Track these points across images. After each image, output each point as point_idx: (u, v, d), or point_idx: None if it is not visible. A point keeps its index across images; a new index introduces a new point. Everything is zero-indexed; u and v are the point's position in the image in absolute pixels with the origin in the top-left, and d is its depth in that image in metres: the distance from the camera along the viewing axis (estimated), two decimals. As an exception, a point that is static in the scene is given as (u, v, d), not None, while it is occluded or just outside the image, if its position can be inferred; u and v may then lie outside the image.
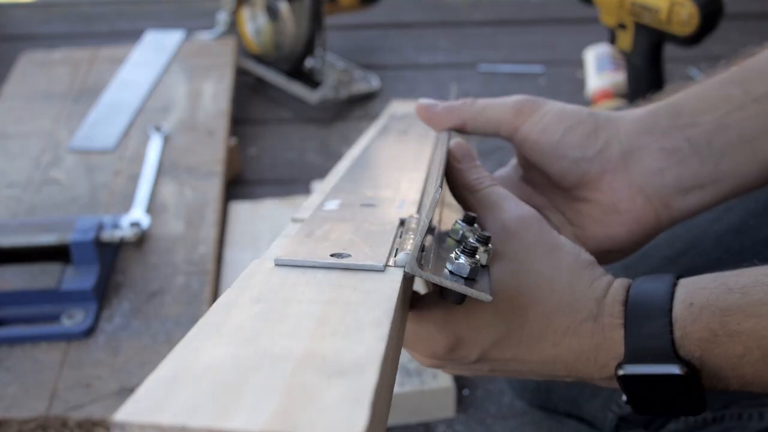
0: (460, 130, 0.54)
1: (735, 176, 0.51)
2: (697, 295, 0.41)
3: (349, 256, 0.36)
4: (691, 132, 0.51)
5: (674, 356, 0.40)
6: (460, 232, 0.42)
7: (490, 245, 0.40)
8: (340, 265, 0.35)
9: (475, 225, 0.43)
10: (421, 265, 0.36)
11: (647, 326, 0.41)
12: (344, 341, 0.28)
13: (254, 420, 0.24)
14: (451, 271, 0.37)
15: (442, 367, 0.46)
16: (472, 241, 0.39)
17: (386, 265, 0.35)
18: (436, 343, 0.42)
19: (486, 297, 0.37)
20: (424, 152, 0.59)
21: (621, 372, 0.41)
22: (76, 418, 0.71)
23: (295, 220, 0.44)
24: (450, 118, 0.53)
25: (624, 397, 0.43)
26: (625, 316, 0.42)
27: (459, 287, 0.37)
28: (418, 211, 0.44)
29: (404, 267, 0.35)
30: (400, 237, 0.39)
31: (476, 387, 0.85)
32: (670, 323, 0.41)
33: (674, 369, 0.40)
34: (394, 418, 0.80)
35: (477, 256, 0.38)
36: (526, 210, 0.45)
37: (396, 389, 0.78)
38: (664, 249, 0.64)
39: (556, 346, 0.42)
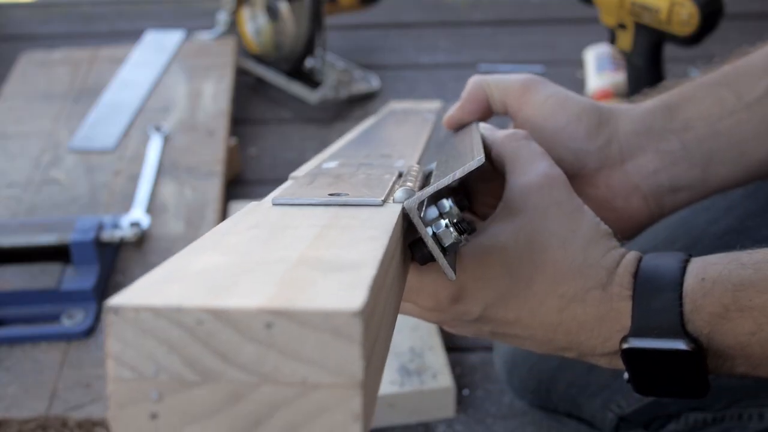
0: (484, 117, 0.54)
1: (722, 178, 0.53)
2: (710, 270, 0.41)
3: (347, 195, 0.35)
4: (685, 136, 0.52)
5: (682, 331, 0.39)
6: (447, 208, 0.41)
7: (472, 236, 0.40)
8: (337, 201, 0.35)
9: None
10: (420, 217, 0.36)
11: (657, 299, 0.40)
12: (341, 250, 0.27)
13: (251, 301, 0.23)
14: (434, 233, 0.37)
15: (443, 322, 0.46)
16: (462, 220, 0.38)
17: (384, 201, 0.35)
18: (439, 291, 0.41)
19: (451, 274, 0.37)
20: (422, 133, 0.59)
21: (625, 345, 0.40)
22: (76, 418, 0.71)
23: (293, 178, 0.44)
24: (475, 101, 0.53)
25: (626, 375, 0.42)
26: (635, 287, 0.41)
27: (438, 253, 0.36)
28: (419, 162, 0.44)
29: (403, 203, 0.35)
30: (399, 185, 0.39)
31: (476, 387, 0.85)
32: (680, 297, 0.40)
33: (680, 344, 0.39)
34: (394, 418, 0.80)
35: (463, 237, 0.37)
36: (556, 170, 0.44)
37: (396, 389, 0.78)
38: (664, 249, 0.64)
39: (561, 311, 0.42)
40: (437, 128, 0.63)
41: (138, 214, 0.95)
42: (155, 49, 1.40)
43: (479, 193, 0.52)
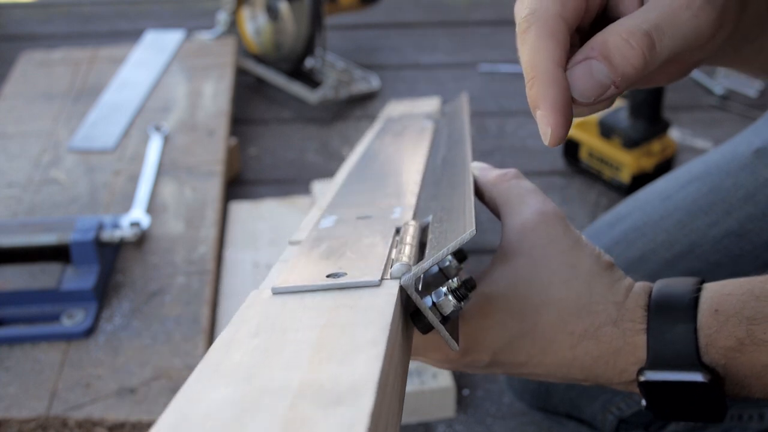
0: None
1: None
2: (723, 302, 0.40)
3: (345, 274, 0.36)
4: None
5: (698, 364, 0.39)
6: (447, 263, 0.41)
7: (472, 294, 0.39)
8: (336, 285, 0.35)
9: (463, 265, 0.43)
10: (417, 289, 0.36)
11: (671, 332, 0.40)
12: (340, 367, 0.28)
13: None
14: (434, 303, 0.37)
15: (456, 369, 0.46)
16: (461, 286, 0.38)
17: (382, 278, 0.35)
18: (445, 347, 0.41)
19: (454, 345, 0.37)
20: (420, 150, 0.59)
21: (642, 378, 0.40)
22: (76, 418, 0.71)
23: (292, 243, 0.44)
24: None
25: (643, 402, 0.42)
26: (648, 321, 0.41)
27: (438, 325, 0.36)
28: (414, 217, 0.44)
29: (400, 279, 0.35)
30: (396, 247, 0.39)
31: (476, 387, 0.85)
32: (695, 330, 0.40)
33: (698, 377, 0.39)
34: (394, 419, 0.80)
35: (462, 303, 0.37)
36: (549, 206, 0.44)
37: (396, 389, 0.78)
38: (663, 252, 0.64)
39: (573, 348, 0.42)
40: (437, 139, 0.63)
41: (138, 214, 0.95)
42: (155, 49, 1.40)
43: None
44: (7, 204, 0.99)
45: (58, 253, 0.84)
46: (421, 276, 0.38)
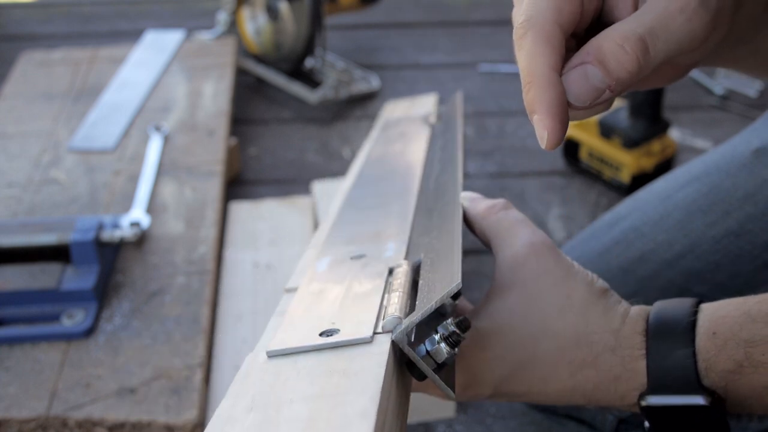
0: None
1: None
2: (720, 324, 0.40)
3: (338, 331, 0.36)
4: None
5: (699, 387, 0.39)
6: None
7: (467, 334, 0.40)
8: (328, 345, 0.36)
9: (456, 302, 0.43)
10: (410, 341, 0.36)
11: (670, 357, 0.40)
12: None
13: None
14: (428, 351, 0.37)
15: (459, 402, 0.46)
16: (454, 332, 0.38)
17: (374, 333, 0.36)
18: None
19: (450, 394, 0.38)
20: (415, 166, 0.59)
21: (644, 403, 0.41)
22: (76, 418, 0.71)
23: (288, 290, 0.45)
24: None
25: (646, 424, 0.42)
26: (647, 347, 0.41)
27: (432, 375, 0.37)
28: (407, 256, 0.45)
29: (392, 334, 0.36)
30: (388, 293, 0.39)
31: (476, 387, 0.85)
32: (694, 354, 0.40)
33: (699, 400, 0.39)
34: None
35: (456, 350, 0.38)
36: (539, 236, 0.44)
37: (396, 390, 0.78)
38: (662, 252, 0.64)
39: (572, 377, 0.42)
40: (431, 151, 0.64)
41: (138, 214, 0.95)
42: (155, 49, 1.40)
43: None
44: (7, 204, 0.99)
45: (58, 253, 0.84)
46: (414, 328, 0.38)
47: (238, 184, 1.22)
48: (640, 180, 1.11)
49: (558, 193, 1.17)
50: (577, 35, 0.40)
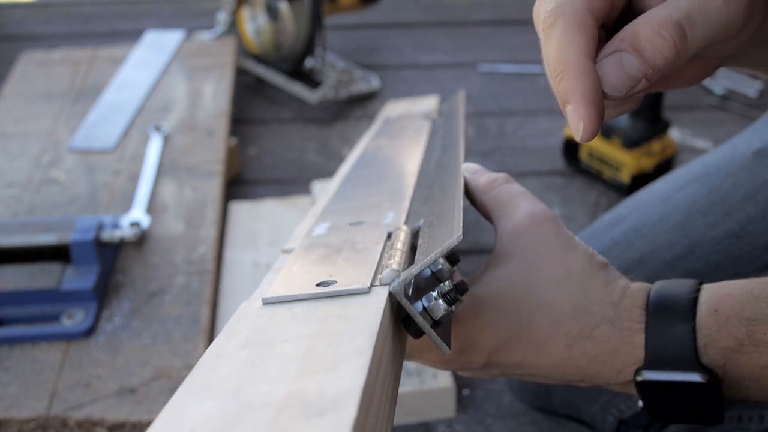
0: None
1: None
2: (722, 303, 0.40)
3: (335, 282, 0.36)
4: None
5: (697, 364, 0.39)
6: (440, 266, 0.41)
7: (464, 297, 0.39)
8: (325, 294, 0.35)
9: (455, 268, 0.43)
10: (407, 294, 0.36)
11: (670, 332, 0.40)
12: (326, 378, 0.28)
13: None
14: (425, 307, 0.37)
15: (452, 370, 0.46)
16: (452, 290, 0.38)
17: (372, 285, 0.35)
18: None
19: (445, 350, 0.37)
20: (414, 153, 0.59)
21: (640, 378, 0.40)
22: (76, 418, 0.71)
23: (285, 251, 0.44)
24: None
25: (640, 403, 0.42)
26: (646, 321, 0.41)
27: (429, 330, 0.36)
28: (406, 221, 0.44)
29: (389, 286, 0.35)
30: (387, 252, 0.39)
31: (476, 387, 0.85)
32: (694, 330, 0.39)
33: (696, 377, 0.39)
34: (394, 418, 0.80)
35: (453, 307, 0.37)
36: (540, 208, 0.44)
37: (396, 390, 0.78)
38: (662, 253, 0.64)
39: (568, 349, 0.41)
40: (432, 140, 0.63)
41: (138, 214, 0.95)
42: (155, 49, 1.40)
43: None
44: (7, 204, 0.99)
45: (58, 253, 0.84)
46: (412, 281, 0.37)
47: (238, 184, 1.22)
48: (640, 180, 1.11)
49: (558, 193, 1.17)
50: (606, 27, 0.39)
